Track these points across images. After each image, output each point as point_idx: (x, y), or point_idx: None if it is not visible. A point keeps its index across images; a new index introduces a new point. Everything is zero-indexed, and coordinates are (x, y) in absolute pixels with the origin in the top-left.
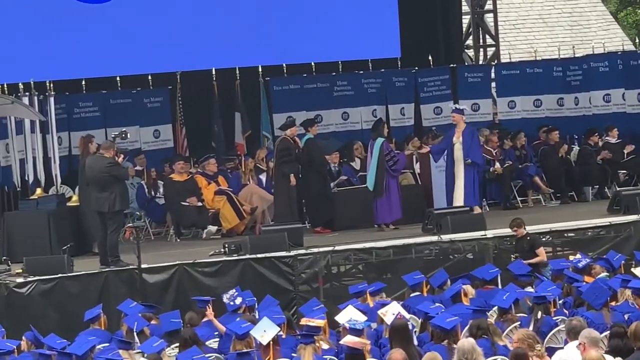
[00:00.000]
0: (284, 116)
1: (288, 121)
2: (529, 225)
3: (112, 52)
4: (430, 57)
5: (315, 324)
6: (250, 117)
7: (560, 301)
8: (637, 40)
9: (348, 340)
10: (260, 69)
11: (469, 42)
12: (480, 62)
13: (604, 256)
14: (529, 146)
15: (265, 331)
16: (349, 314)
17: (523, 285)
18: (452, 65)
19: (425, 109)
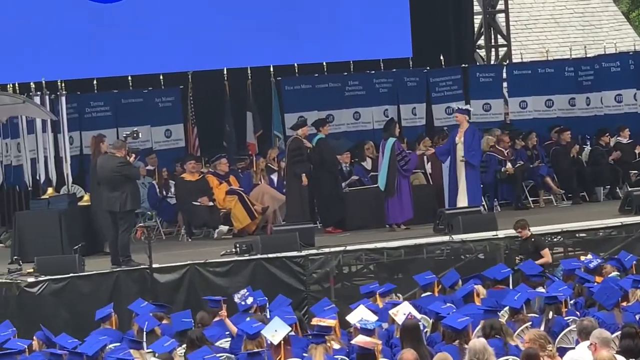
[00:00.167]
0: (296, 116)
1: (299, 121)
2: (541, 225)
3: (124, 51)
4: (441, 57)
5: (326, 323)
6: (261, 117)
7: (572, 301)
8: None
9: (359, 340)
10: (271, 69)
11: (481, 42)
12: (492, 62)
13: (615, 256)
14: (541, 146)
15: (276, 331)
16: (360, 314)
17: (534, 286)
18: (463, 65)
19: (437, 109)
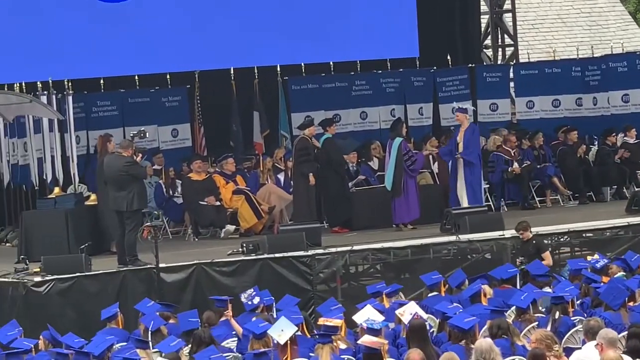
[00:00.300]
0: (303, 115)
1: (306, 120)
2: (548, 225)
3: (131, 51)
4: (448, 57)
5: (333, 323)
6: (268, 117)
7: (578, 301)
8: None
9: (366, 340)
10: (278, 69)
11: (488, 41)
12: (499, 62)
13: (621, 257)
14: (547, 146)
15: (282, 330)
16: (367, 314)
17: (541, 286)
18: (470, 65)
19: (444, 109)
